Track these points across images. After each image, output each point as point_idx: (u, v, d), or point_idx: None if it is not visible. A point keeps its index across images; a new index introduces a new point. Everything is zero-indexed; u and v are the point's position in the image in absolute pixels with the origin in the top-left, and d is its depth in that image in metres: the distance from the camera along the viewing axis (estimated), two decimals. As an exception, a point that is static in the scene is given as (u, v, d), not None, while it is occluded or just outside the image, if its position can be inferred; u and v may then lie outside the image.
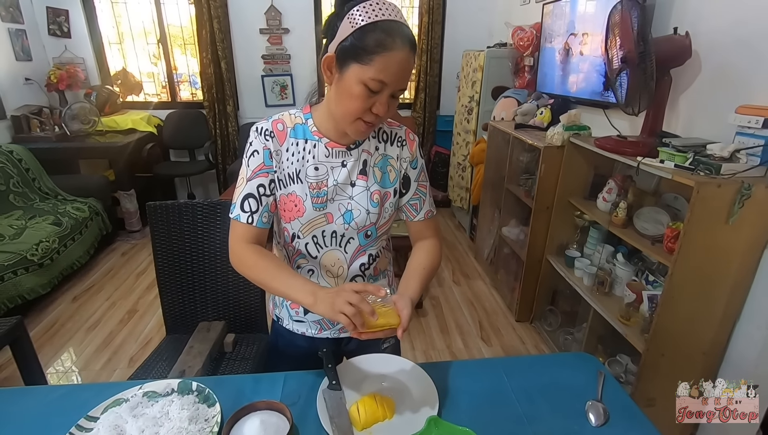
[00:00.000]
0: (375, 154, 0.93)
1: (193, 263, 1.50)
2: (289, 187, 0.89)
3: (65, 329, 2.31)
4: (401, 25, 0.76)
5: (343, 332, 1.06)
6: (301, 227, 0.91)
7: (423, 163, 0.99)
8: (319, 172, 0.89)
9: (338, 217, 0.91)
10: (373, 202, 0.92)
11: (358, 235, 0.94)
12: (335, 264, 0.96)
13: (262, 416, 0.82)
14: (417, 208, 0.99)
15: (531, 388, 0.91)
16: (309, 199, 0.89)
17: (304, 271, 0.97)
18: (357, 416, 0.81)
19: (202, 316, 1.53)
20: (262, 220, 0.90)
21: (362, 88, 0.77)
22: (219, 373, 1.36)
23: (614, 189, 1.85)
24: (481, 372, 0.97)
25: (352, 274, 0.98)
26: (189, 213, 1.47)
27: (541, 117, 2.44)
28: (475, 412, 0.84)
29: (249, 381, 0.94)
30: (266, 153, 0.88)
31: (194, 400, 0.87)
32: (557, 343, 2.16)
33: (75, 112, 3.36)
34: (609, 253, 1.90)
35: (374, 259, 1.00)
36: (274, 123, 0.90)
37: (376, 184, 0.92)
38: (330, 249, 0.95)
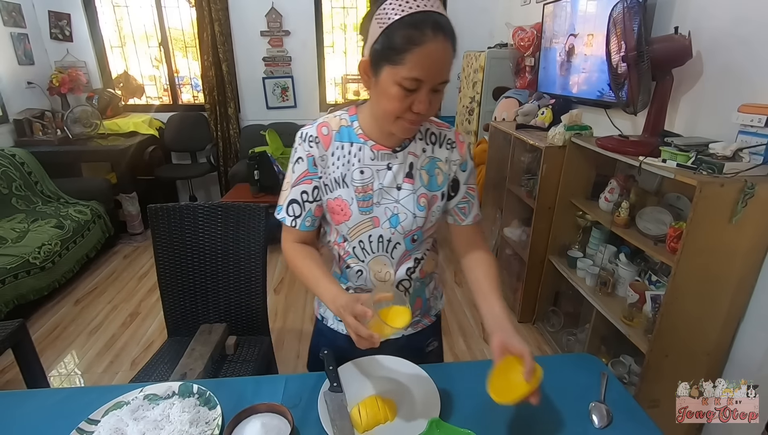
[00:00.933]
0: (422, 156, 0.90)
1: (194, 265, 1.50)
2: (336, 191, 0.89)
3: (67, 332, 2.31)
4: (430, 14, 0.72)
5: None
6: (348, 231, 0.91)
7: (473, 165, 0.96)
8: (364, 176, 0.88)
9: (384, 221, 0.90)
10: (420, 206, 0.90)
11: (404, 240, 0.92)
12: (382, 269, 0.95)
13: (263, 419, 0.81)
14: (466, 212, 0.96)
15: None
16: (355, 203, 0.88)
17: (353, 271, 0.96)
18: (358, 418, 0.80)
19: (203, 319, 1.52)
20: (305, 224, 0.93)
21: (398, 88, 0.74)
22: (220, 376, 1.36)
23: (616, 189, 1.84)
24: (483, 373, 0.96)
25: (399, 279, 0.96)
26: (190, 215, 1.47)
27: (542, 117, 2.43)
28: (477, 414, 0.83)
29: (250, 383, 0.94)
30: (310, 160, 0.88)
31: (195, 402, 0.87)
32: (560, 344, 2.15)
33: (77, 116, 3.38)
34: (611, 254, 1.89)
35: (419, 262, 0.97)
36: (319, 127, 0.89)
37: (422, 187, 0.90)
38: (377, 255, 0.93)
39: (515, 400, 0.71)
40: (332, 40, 4.04)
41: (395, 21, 0.72)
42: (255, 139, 3.73)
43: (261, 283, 1.50)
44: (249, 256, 1.49)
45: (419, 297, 1.02)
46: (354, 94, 4.38)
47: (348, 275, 0.98)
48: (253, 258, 1.49)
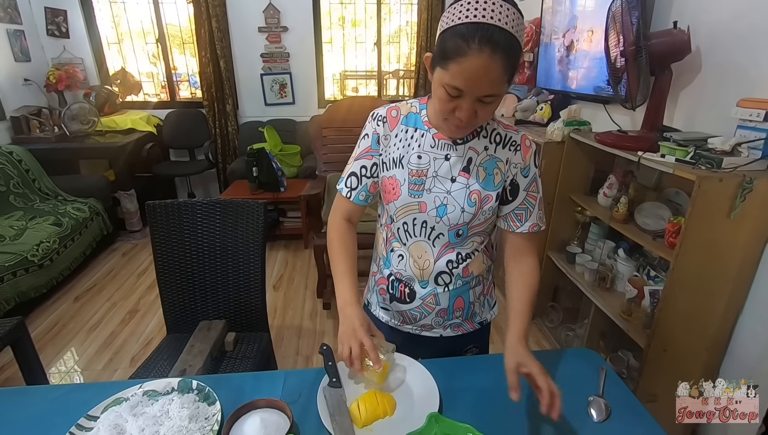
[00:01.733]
0: (482, 153, 0.89)
1: (193, 262, 1.50)
2: (391, 170, 0.93)
3: (67, 330, 2.31)
4: (482, 26, 0.70)
5: (425, 331, 1.05)
6: (395, 210, 0.94)
7: (537, 173, 0.93)
8: (421, 161, 0.90)
9: (431, 209, 0.91)
10: (471, 202, 0.89)
11: (448, 232, 0.92)
12: (422, 256, 0.95)
13: (263, 414, 0.82)
14: (522, 219, 0.93)
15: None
16: (406, 185, 0.91)
17: (395, 254, 0.99)
18: (357, 413, 0.80)
19: (202, 316, 1.53)
20: (359, 198, 0.98)
21: (443, 91, 0.77)
22: (220, 372, 1.36)
23: (615, 184, 1.84)
24: (482, 368, 0.97)
25: (438, 270, 0.95)
26: (189, 212, 1.47)
27: (541, 113, 2.43)
28: (476, 408, 0.83)
29: (249, 379, 0.94)
30: (375, 137, 0.94)
31: (194, 398, 0.87)
32: (559, 340, 2.15)
33: (74, 113, 3.36)
34: (610, 249, 1.89)
35: (464, 259, 0.95)
36: (389, 109, 0.94)
37: (477, 183, 0.89)
38: (418, 239, 0.95)
39: None
40: (330, 36, 4.03)
41: (449, 27, 0.74)
42: (253, 135, 3.72)
43: (260, 280, 1.50)
44: (248, 252, 1.49)
45: (461, 297, 0.99)
46: (353, 91, 4.37)
47: (391, 260, 1.00)
48: (251, 254, 1.48)
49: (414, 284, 0.98)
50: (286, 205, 3.38)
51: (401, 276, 0.99)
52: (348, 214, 1.01)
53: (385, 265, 1.02)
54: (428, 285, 0.97)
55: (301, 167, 3.66)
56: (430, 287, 0.97)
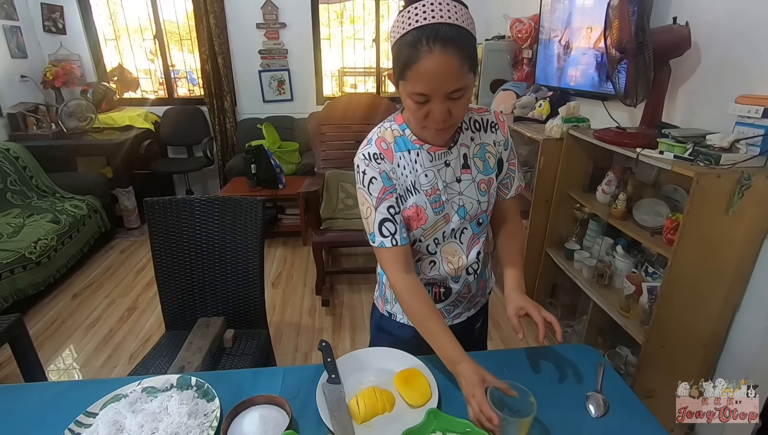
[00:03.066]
0: (472, 145, 0.93)
1: (191, 259, 1.50)
2: (409, 199, 0.91)
3: (65, 327, 2.31)
4: (427, 28, 0.72)
5: (456, 319, 1.07)
6: (423, 233, 0.95)
7: (511, 141, 0.99)
8: (429, 178, 0.91)
9: (453, 215, 0.94)
10: (482, 192, 0.94)
11: (470, 225, 0.97)
12: (455, 255, 0.98)
13: (262, 411, 0.82)
14: (508, 187, 1.01)
15: (531, 379, 0.91)
16: (429, 207, 0.92)
17: (425, 262, 1.00)
18: (356, 409, 0.80)
19: (201, 312, 1.52)
20: (404, 237, 0.91)
21: (411, 101, 0.78)
22: (218, 369, 1.36)
23: (613, 181, 1.84)
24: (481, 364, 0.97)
25: (470, 263, 0.99)
26: (187, 209, 1.47)
27: (539, 110, 2.43)
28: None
29: (248, 376, 0.94)
30: (383, 176, 0.89)
31: (193, 395, 0.87)
32: (557, 336, 2.16)
33: (71, 110, 3.35)
34: (608, 246, 1.89)
35: (483, 243, 1.01)
36: (377, 143, 0.90)
37: (480, 173, 0.94)
38: (448, 242, 0.97)
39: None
40: (329, 33, 4.01)
41: (397, 41, 0.76)
42: (252, 132, 3.72)
43: (258, 277, 1.50)
44: (246, 249, 1.49)
45: (482, 279, 1.07)
46: (351, 87, 4.36)
47: (420, 268, 1.00)
48: (250, 251, 1.48)
49: (448, 282, 1.01)
50: (285, 202, 3.38)
51: (435, 280, 1.01)
52: (404, 263, 0.90)
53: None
54: (461, 278, 1.01)
55: (299, 164, 3.66)
56: (462, 280, 1.01)
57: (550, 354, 1.03)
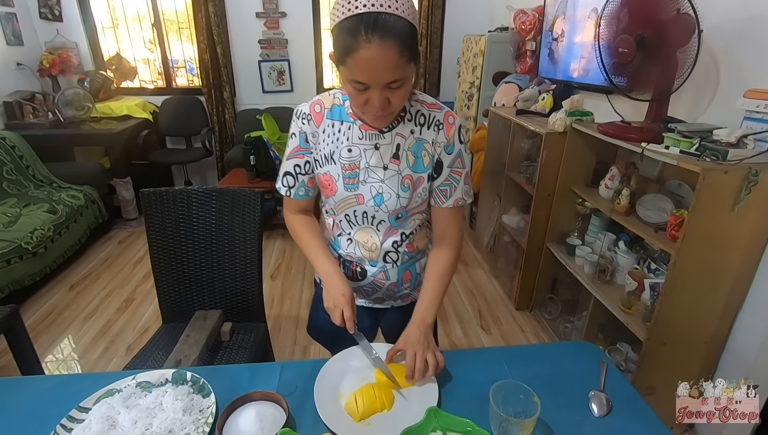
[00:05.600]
0: (410, 137, 0.91)
1: (188, 251, 1.47)
2: (325, 166, 0.93)
3: (62, 318, 2.30)
4: (367, 17, 0.69)
5: (377, 303, 1.11)
6: (335, 205, 0.97)
7: (462, 148, 0.95)
8: (352, 154, 0.91)
9: (369, 199, 0.93)
10: (404, 187, 0.92)
11: (389, 218, 0.96)
12: (368, 241, 1.00)
13: (258, 407, 0.80)
14: (447, 194, 0.96)
15: (532, 377, 0.89)
16: (341, 180, 0.92)
17: (344, 238, 1.03)
18: (355, 407, 0.79)
19: (198, 305, 1.51)
20: (298, 193, 0.99)
21: (350, 86, 0.77)
22: (216, 363, 1.35)
23: (617, 176, 1.82)
24: (481, 361, 0.96)
25: (385, 250, 1.01)
26: (184, 200, 1.44)
27: (542, 103, 2.40)
28: (475, 402, 0.82)
29: (245, 371, 0.93)
30: (302, 137, 0.93)
31: (189, 390, 0.85)
32: (557, 332, 2.15)
33: (68, 98, 3.31)
34: (610, 241, 1.87)
35: (407, 236, 1.01)
36: (312, 105, 0.92)
37: (408, 168, 0.92)
38: (362, 227, 0.99)
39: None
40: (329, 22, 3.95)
41: (336, 25, 0.74)
42: (251, 123, 3.67)
43: (256, 269, 1.48)
44: (244, 241, 1.46)
45: (408, 270, 1.06)
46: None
47: (339, 243, 1.04)
48: (248, 244, 1.46)
49: (364, 264, 1.03)
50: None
51: (351, 258, 1.04)
52: (297, 208, 1.03)
53: (334, 248, 1.06)
54: (378, 263, 1.02)
55: (299, 156, 3.61)
56: (379, 265, 1.02)
57: (552, 352, 1.02)
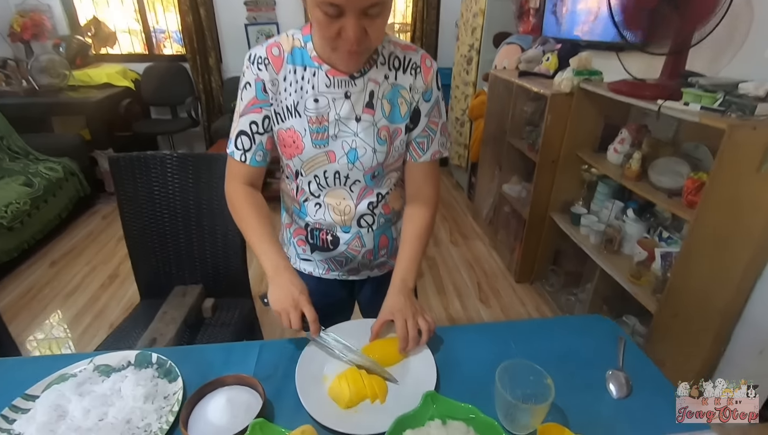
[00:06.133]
0: (384, 83, 0.79)
1: (165, 222, 1.36)
2: (288, 121, 0.80)
3: (42, 295, 2.20)
4: None
5: (352, 275, 1.00)
6: (302, 165, 0.84)
7: (439, 95, 0.85)
8: (319, 105, 0.79)
9: (341, 156, 0.82)
10: (381, 140, 0.81)
11: (364, 177, 0.85)
12: (341, 203, 0.89)
13: (230, 393, 0.70)
14: (423, 147, 0.86)
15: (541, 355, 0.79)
16: (308, 136, 0.80)
17: (311, 203, 0.90)
18: (341, 391, 0.69)
19: (178, 280, 1.40)
20: (255, 159, 0.84)
21: (320, 12, 0.65)
22: (197, 341, 1.25)
23: (627, 139, 1.69)
24: (484, 338, 0.86)
25: (360, 214, 0.90)
26: (158, 167, 1.32)
27: (547, 64, 2.24)
28: (478, 384, 0.72)
29: (218, 352, 0.82)
30: (258, 85, 0.79)
31: (153, 374, 0.75)
32: (560, 304, 2.07)
33: (43, 65, 3.11)
34: (618, 210, 1.77)
35: (383, 197, 0.91)
36: (269, 48, 0.79)
37: (384, 118, 0.81)
38: (334, 188, 0.87)
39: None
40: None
41: None
42: (238, 92, 3.49)
43: (240, 242, 1.37)
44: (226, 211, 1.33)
45: (384, 235, 0.96)
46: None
47: (307, 209, 0.91)
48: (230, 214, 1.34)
49: (336, 231, 0.92)
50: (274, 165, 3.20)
51: (321, 225, 0.92)
52: (248, 179, 0.87)
53: (300, 216, 0.94)
54: (351, 229, 0.92)
55: (290, 126, 3.46)
56: (353, 231, 0.92)
57: (561, 326, 0.92)
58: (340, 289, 1.03)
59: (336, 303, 0.81)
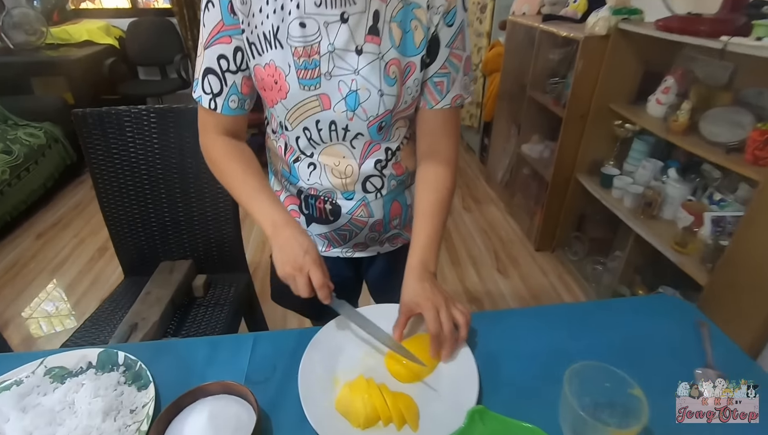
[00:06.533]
0: (392, 1, 0.59)
1: (145, 189, 1.19)
2: (266, 54, 0.62)
3: (28, 270, 2.05)
4: None
5: (359, 251, 0.84)
6: (287, 114, 0.66)
7: (465, 19, 0.65)
8: (306, 31, 0.59)
9: (338, 102, 0.63)
10: (389, 78, 0.62)
11: (368, 129, 0.66)
12: (340, 163, 0.71)
13: (215, 405, 0.55)
14: (442, 89, 0.67)
15: (605, 349, 0.63)
16: (293, 74, 0.62)
17: (303, 164, 0.73)
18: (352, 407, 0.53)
19: (165, 256, 1.24)
20: (229, 106, 0.66)
21: None
22: (187, 325, 1.10)
23: (673, 87, 1.48)
24: (528, 327, 0.69)
25: (366, 175, 0.72)
26: (133, 124, 1.13)
27: (574, 6, 1.98)
28: (526, 391, 0.57)
29: (202, 347, 0.67)
30: (224, 4, 0.59)
31: (118, 379, 0.60)
32: (584, 274, 1.91)
33: (16, 20, 2.85)
34: (657, 170, 1.58)
35: (394, 153, 0.72)
36: None
37: (393, 49, 0.61)
38: (331, 144, 0.69)
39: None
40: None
41: None
42: (231, 48, 3.23)
43: (232, 209, 1.20)
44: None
45: (396, 201, 0.79)
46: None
47: (298, 172, 0.74)
48: (218, 178, 1.16)
49: (336, 198, 0.75)
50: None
51: (317, 191, 0.75)
52: (226, 129, 0.69)
53: (291, 180, 0.77)
54: (355, 195, 0.75)
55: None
56: (358, 197, 0.75)
57: (621, 310, 0.76)
58: (344, 268, 0.86)
59: (340, 285, 0.63)
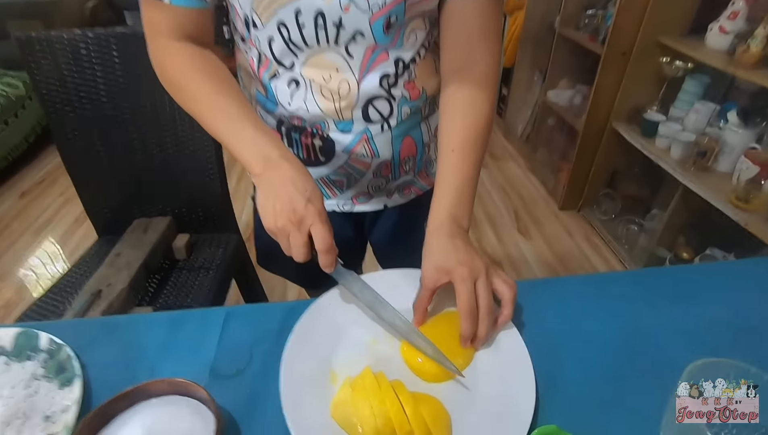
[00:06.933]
0: None
1: (111, 133, 1.00)
2: None
3: (10, 231, 1.92)
4: None
5: (359, 204, 0.66)
6: (252, 3, 0.47)
7: None
8: None
9: None
10: None
11: (371, 28, 0.47)
12: (332, 77, 0.51)
13: (159, 411, 0.38)
14: None
15: (703, 330, 0.46)
16: None
17: (281, 81, 0.53)
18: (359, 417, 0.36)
19: (141, 212, 1.07)
20: None
21: None
22: (166, 292, 0.95)
23: (742, 11, 1.24)
24: (593, 299, 0.52)
25: (368, 96, 0.53)
26: (93, 52, 0.93)
27: None
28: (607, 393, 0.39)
29: (160, 326, 0.50)
30: None
31: (34, 372, 0.43)
32: (616, 235, 1.72)
33: (-14, -43, 2.57)
34: (713, 114, 1.35)
35: (407, 66, 0.52)
36: None
37: None
38: (318, 49, 0.49)
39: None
40: None
41: None
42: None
43: (215, 157, 1.02)
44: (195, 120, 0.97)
45: (409, 136, 0.60)
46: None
47: (276, 94, 0.54)
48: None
49: (328, 129, 0.56)
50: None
51: (302, 120, 0.56)
52: (181, 30, 0.49)
53: (267, 107, 0.57)
54: (353, 126, 0.55)
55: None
56: (357, 129, 0.56)
57: (716, 279, 0.57)
58: (342, 225, 0.68)
59: (337, 245, 0.44)
